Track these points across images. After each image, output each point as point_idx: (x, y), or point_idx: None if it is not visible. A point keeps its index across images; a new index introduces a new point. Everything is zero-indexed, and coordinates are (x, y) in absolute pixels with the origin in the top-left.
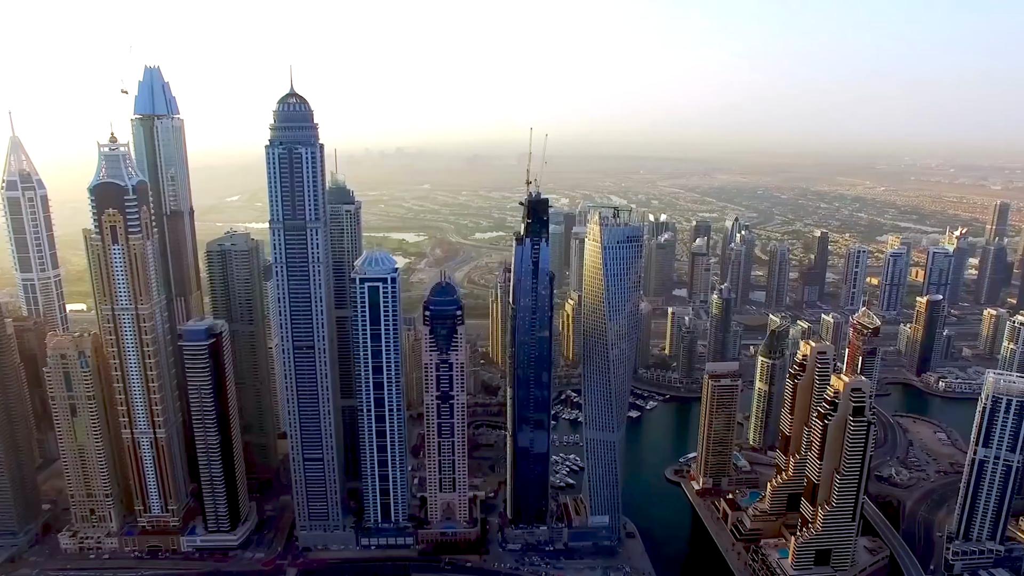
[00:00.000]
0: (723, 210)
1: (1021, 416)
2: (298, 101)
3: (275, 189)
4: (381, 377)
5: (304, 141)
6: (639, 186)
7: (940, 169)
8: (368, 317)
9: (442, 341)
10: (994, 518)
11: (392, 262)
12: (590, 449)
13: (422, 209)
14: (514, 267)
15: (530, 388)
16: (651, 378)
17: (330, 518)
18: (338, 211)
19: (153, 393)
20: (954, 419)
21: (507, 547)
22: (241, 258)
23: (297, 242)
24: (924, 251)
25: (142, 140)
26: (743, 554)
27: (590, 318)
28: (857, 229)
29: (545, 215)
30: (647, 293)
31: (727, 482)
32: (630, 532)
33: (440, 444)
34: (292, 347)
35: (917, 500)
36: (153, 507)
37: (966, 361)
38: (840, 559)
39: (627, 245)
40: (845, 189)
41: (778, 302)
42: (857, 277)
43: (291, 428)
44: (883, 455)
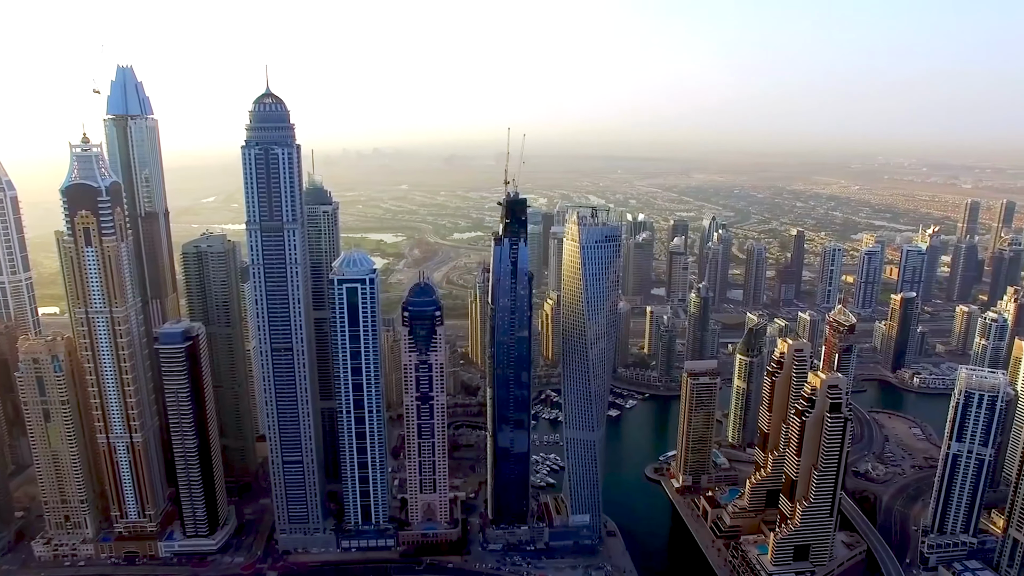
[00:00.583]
0: (700, 209)
1: (993, 411)
2: (274, 101)
3: (251, 190)
4: (360, 379)
5: (280, 142)
6: (617, 186)
7: (913, 168)
8: (347, 318)
9: (421, 342)
10: (967, 511)
11: (370, 263)
12: (570, 448)
13: (400, 209)
14: (493, 267)
15: (510, 388)
16: (630, 377)
17: (310, 521)
18: (315, 212)
19: (129, 397)
20: (928, 414)
21: (488, 547)
22: (217, 260)
23: (274, 243)
24: (898, 249)
25: (115, 141)
26: (723, 551)
27: (569, 318)
28: (832, 228)
29: (523, 215)
30: (626, 292)
31: (707, 479)
32: (611, 531)
33: (420, 445)
34: (270, 349)
35: (893, 495)
36: (130, 512)
37: (939, 357)
38: (818, 554)
39: (605, 244)
40: (820, 188)
41: (755, 300)
42: (833, 275)
43: (270, 431)
44: (860, 451)
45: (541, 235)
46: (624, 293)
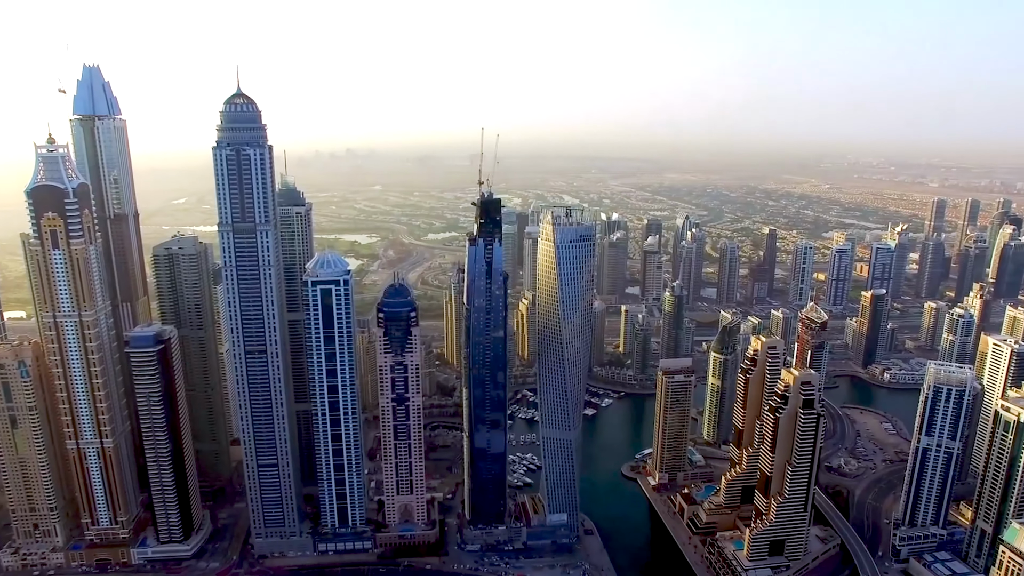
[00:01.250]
0: (674, 208)
1: (960, 405)
2: (245, 102)
3: (223, 191)
4: (335, 380)
5: (252, 142)
6: (591, 185)
7: (881, 167)
8: (321, 320)
9: (396, 343)
10: (937, 504)
11: (344, 264)
12: (547, 448)
13: (374, 210)
14: (468, 267)
15: (486, 388)
16: (606, 376)
17: (286, 524)
18: (288, 213)
19: (99, 402)
20: (899, 409)
21: (466, 548)
22: (189, 262)
23: (247, 245)
24: (868, 247)
25: (82, 141)
26: (699, 547)
27: (544, 317)
28: (804, 226)
29: (498, 215)
30: (600, 291)
31: (683, 477)
32: (588, 529)
33: (396, 446)
34: (244, 352)
35: (865, 489)
36: (101, 519)
37: (909, 353)
38: (793, 549)
39: (580, 244)
40: (792, 187)
41: (729, 298)
42: (804, 273)
43: (244, 434)
44: (832, 446)
45: (516, 235)
46: (599, 292)
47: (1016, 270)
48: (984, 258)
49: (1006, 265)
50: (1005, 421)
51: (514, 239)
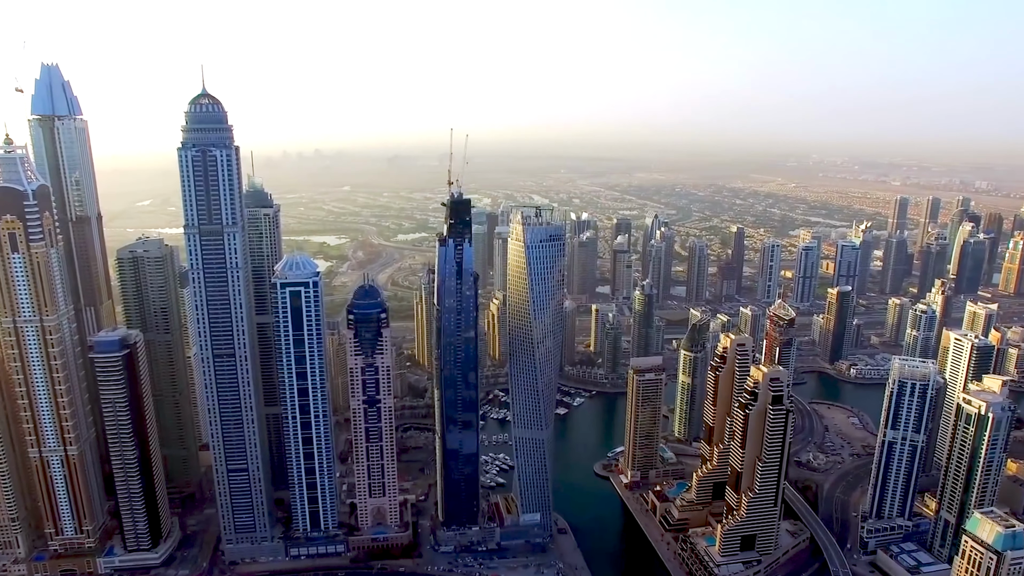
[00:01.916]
0: (643, 208)
1: (924, 399)
2: (211, 102)
3: (189, 193)
4: (305, 383)
5: (218, 143)
6: (560, 185)
7: (845, 166)
8: (290, 322)
9: (367, 344)
10: (903, 496)
11: (313, 266)
12: (519, 447)
13: (343, 211)
14: (438, 268)
15: (457, 389)
16: (577, 375)
17: (257, 529)
18: (256, 215)
19: (62, 409)
20: (865, 404)
21: (440, 549)
22: (155, 265)
23: (214, 247)
24: (833, 244)
25: (42, 142)
26: (672, 544)
27: (515, 317)
28: (771, 224)
29: (468, 215)
30: (571, 291)
31: (655, 474)
32: (561, 528)
33: (368, 449)
34: (212, 355)
35: (833, 483)
36: (66, 529)
37: (874, 348)
38: (764, 543)
39: (550, 244)
40: (759, 186)
41: (698, 296)
42: (772, 270)
43: (213, 439)
44: (801, 441)
45: (486, 235)
46: (569, 292)
47: (975, 266)
48: (945, 255)
49: (966, 261)
50: (967, 414)
51: (484, 239)
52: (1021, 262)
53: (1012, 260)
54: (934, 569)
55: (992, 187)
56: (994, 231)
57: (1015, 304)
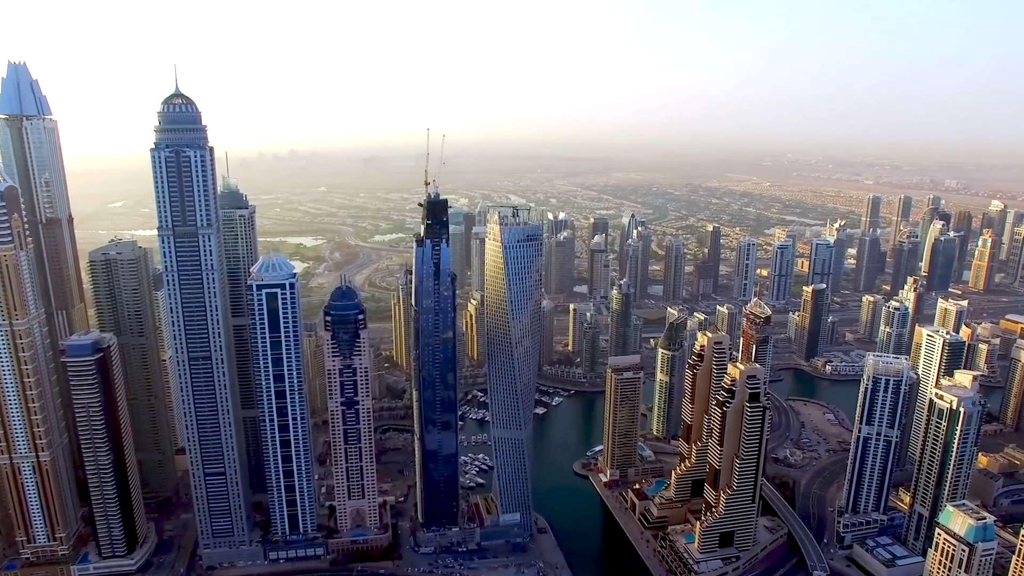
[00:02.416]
0: (620, 207)
1: (898, 395)
2: (184, 102)
3: (163, 194)
4: (283, 385)
5: (192, 144)
6: (537, 185)
7: (819, 165)
8: (267, 324)
9: (345, 346)
10: (878, 490)
11: (290, 267)
12: (498, 447)
13: (319, 212)
14: (415, 269)
15: (436, 390)
16: (555, 374)
17: (235, 533)
18: (231, 216)
19: (34, 414)
20: (840, 400)
21: (420, 551)
22: (128, 267)
23: (189, 249)
24: (808, 243)
25: (10, 143)
26: (652, 542)
27: (493, 317)
28: (746, 223)
29: (445, 216)
30: (548, 291)
31: (633, 473)
32: (542, 528)
33: (347, 451)
34: (187, 359)
35: (810, 479)
36: (38, 536)
37: (849, 345)
38: (743, 540)
39: (527, 244)
40: (734, 185)
41: (675, 295)
42: (748, 269)
43: (189, 443)
44: (778, 438)
45: (463, 235)
46: (547, 291)
47: (946, 263)
48: (917, 252)
49: (937, 259)
50: (939, 408)
51: (461, 240)
52: (990, 259)
53: (981, 257)
54: (909, 562)
55: (961, 186)
56: (964, 229)
57: (984, 300)
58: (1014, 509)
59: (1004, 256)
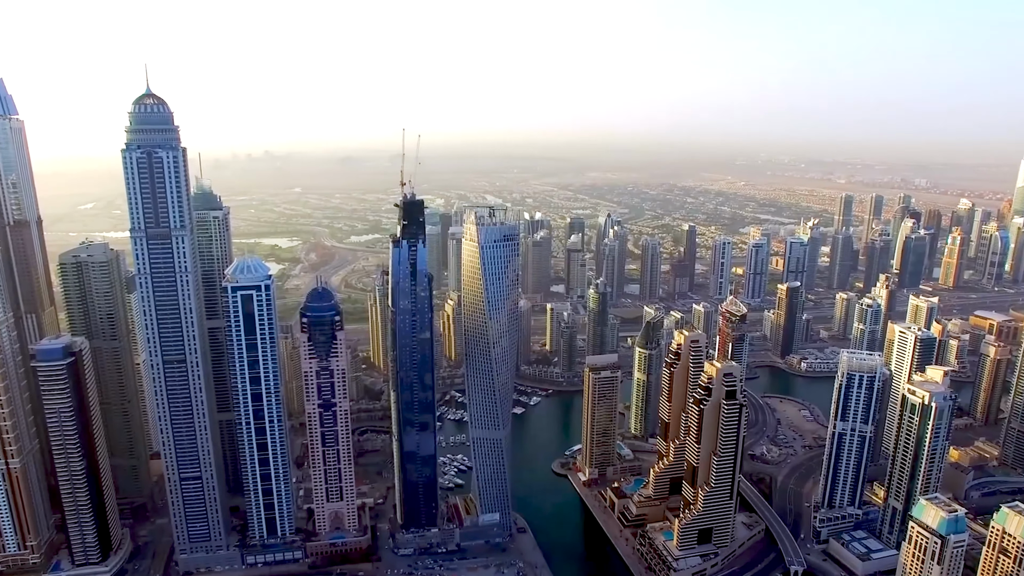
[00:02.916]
0: (596, 207)
1: (872, 391)
2: (156, 102)
3: (135, 196)
4: (259, 388)
5: (164, 144)
6: (513, 185)
7: (792, 164)
8: (242, 327)
9: (321, 348)
10: (853, 485)
11: (265, 269)
12: (477, 448)
13: (294, 213)
14: (392, 269)
15: (413, 390)
16: (533, 374)
17: (212, 538)
18: (205, 217)
19: (3, 421)
20: (815, 396)
21: (399, 552)
22: (99, 270)
23: (162, 251)
24: (782, 241)
25: None
26: (631, 539)
27: (470, 317)
28: (721, 222)
29: (421, 216)
30: (525, 290)
31: (612, 471)
32: (521, 527)
33: (325, 453)
34: (162, 362)
35: (787, 475)
36: (8, 545)
37: (823, 342)
38: (721, 536)
39: (504, 244)
40: (709, 184)
41: (652, 294)
42: (723, 267)
43: (165, 447)
44: (755, 435)
45: (440, 236)
46: (524, 291)
47: (917, 261)
48: (889, 250)
49: (908, 256)
50: (912, 404)
51: (438, 240)
52: (959, 257)
53: (950, 255)
54: (883, 555)
55: (931, 185)
56: (933, 227)
57: (954, 297)
58: (984, 502)
59: (972, 253)
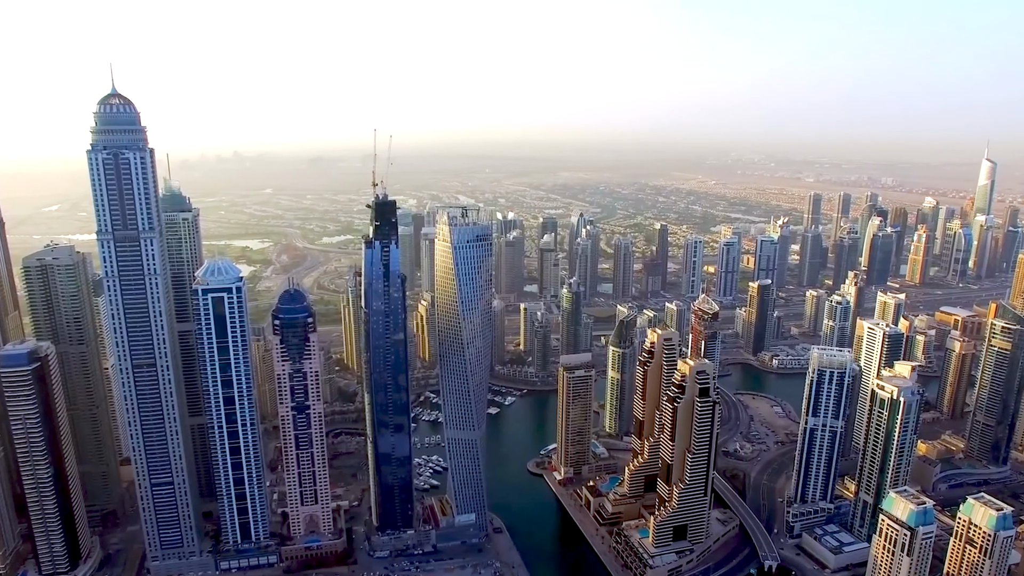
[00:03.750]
0: (568, 206)
1: (842, 386)
2: (122, 102)
3: (101, 197)
4: (231, 391)
5: (131, 145)
6: (485, 185)
7: (762, 164)
8: (214, 330)
9: (294, 350)
10: (824, 480)
11: (236, 271)
12: (452, 449)
13: (265, 214)
14: (364, 270)
15: (388, 392)
16: (508, 374)
17: (184, 544)
18: (174, 219)
19: None
20: (787, 393)
21: (375, 555)
22: (65, 273)
23: (130, 253)
24: (753, 240)
25: None
26: (607, 538)
27: (444, 318)
28: (693, 221)
29: (393, 217)
30: (499, 290)
31: (587, 470)
32: (497, 527)
33: (299, 456)
34: (131, 366)
35: (760, 471)
36: None
37: (794, 339)
38: (696, 532)
39: (477, 244)
40: (680, 183)
41: (624, 293)
42: (695, 266)
43: (135, 452)
44: (728, 431)
45: (412, 236)
46: (497, 291)
47: (884, 258)
48: (857, 248)
49: (875, 254)
50: (881, 399)
51: (411, 240)
52: (924, 254)
53: (916, 252)
54: (855, 548)
55: (897, 183)
56: (900, 225)
57: (920, 293)
58: (951, 493)
59: (937, 250)
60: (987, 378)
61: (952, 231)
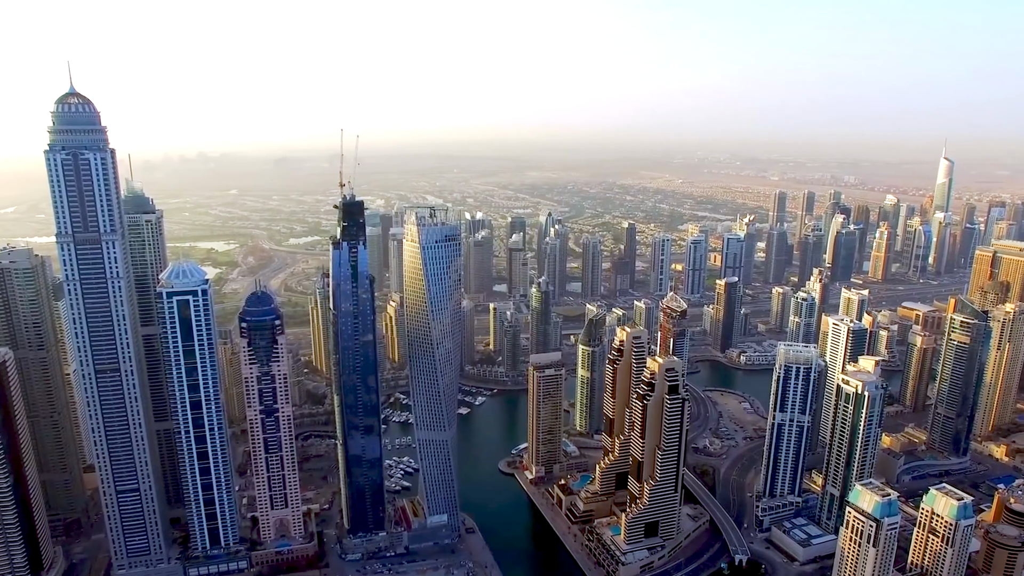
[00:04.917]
0: (536, 206)
1: (808, 381)
2: (81, 101)
3: (60, 199)
4: (198, 396)
5: (91, 145)
6: (453, 185)
7: (728, 162)
8: (179, 333)
9: (262, 353)
10: (792, 474)
11: (202, 273)
12: (423, 450)
13: (231, 216)
14: (332, 272)
15: (357, 394)
16: (478, 374)
17: (152, 552)
18: (137, 221)
19: None
20: (755, 389)
21: (347, 558)
22: (23, 277)
23: (91, 256)
24: (720, 238)
25: None
26: (579, 536)
27: (413, 319)
28: (660, 219)
29: (361, 217)
30: (468, 290)
31: (559, 469)
32: (469, 528)
33: (268, 460)
34: (93, 371)
35: (729, 466)
36: None
37: (761, 336)
38: (667, 529)
39: (445, 244)
40: (647, 182)
41: (593, 292)
42: (663, 264)
43: (99, 459)
44: (697, 428)
45: (380, 237)
46: (466, 291)
47: (848, 255)
48: (821, 245)
49: (839, 251)
50: (846, 393)
51: (379, 241)
52: (886, 251)
53: (879, 249)
54: (823, 540)
55: (859, 181)
56: (862, 222)
57: (883, 289)
58: (914, 485)
59: (899, 247)
60: (947, 371)
61: (913, 228)
